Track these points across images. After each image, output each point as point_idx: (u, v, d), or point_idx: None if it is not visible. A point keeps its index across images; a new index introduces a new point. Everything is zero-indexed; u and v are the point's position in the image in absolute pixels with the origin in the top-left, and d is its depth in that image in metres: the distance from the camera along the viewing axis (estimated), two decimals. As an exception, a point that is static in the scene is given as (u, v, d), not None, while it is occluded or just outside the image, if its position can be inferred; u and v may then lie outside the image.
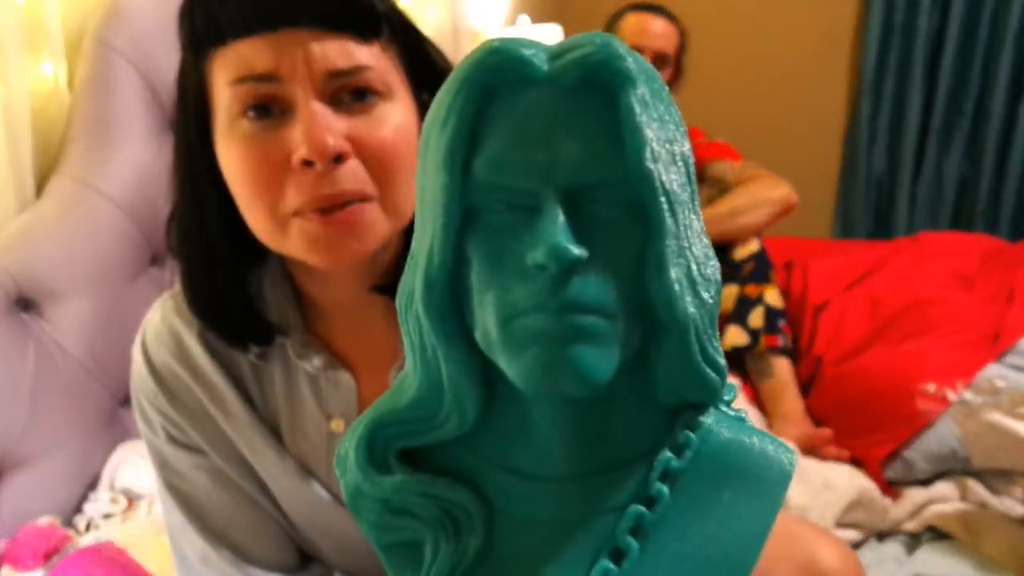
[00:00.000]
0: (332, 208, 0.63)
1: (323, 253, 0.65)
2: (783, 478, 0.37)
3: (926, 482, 1.48)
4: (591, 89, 0.34)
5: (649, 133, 0.34)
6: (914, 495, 1.43)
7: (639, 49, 1.95)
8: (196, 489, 0.75)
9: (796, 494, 1.40)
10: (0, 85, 1.13)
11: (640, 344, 0.36)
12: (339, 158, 0.63)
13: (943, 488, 1.44)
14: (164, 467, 0.76)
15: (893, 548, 1.35)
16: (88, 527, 1.18)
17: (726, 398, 0.39)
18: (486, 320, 0.35)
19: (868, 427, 1.56)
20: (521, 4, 2.66)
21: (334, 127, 0.63)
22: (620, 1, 2.05)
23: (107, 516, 1.20)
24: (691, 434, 0.37)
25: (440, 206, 0.35)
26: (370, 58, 0.65)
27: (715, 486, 0.37)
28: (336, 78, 0.63)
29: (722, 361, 0.37)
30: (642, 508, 0.36)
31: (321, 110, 0.63)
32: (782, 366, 1.77)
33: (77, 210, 1.25)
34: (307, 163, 0.62)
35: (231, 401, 0.74)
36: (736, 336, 1.82)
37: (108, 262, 1.29)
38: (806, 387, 1.77)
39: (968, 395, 1.49)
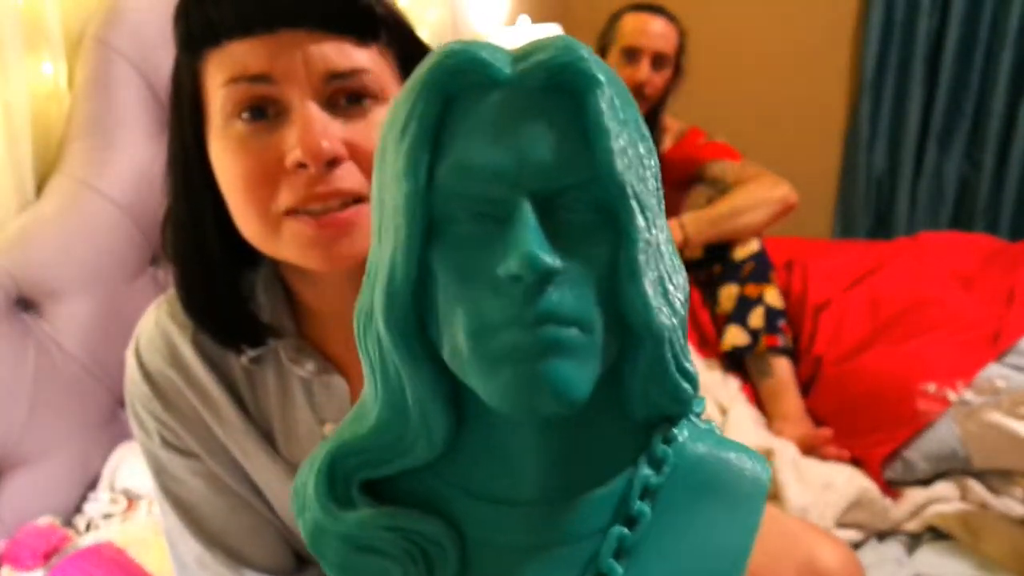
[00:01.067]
0: (326, 210, 0.63)
1: (316, 255, 0.64)
2: (759, 490, 0.37)
3: (926, 482, 1.48)
4: (557, 92, 0.33)
5: (617, 135, 0.33)
6: (914, 495, 1.43)
7: (638, 49, 1.94)
8: (191, 493, 0.75)
9: (796, 494, 1.40)
10: (0, 85, 1.13)
11: (614, 362, 0.34)
12: (333, 162, 0.62)
13: (943, 488, 1.44)
14: (159, 472, 0.76)
15: (893, 548, 1.35)
16: (88, 527, 1.18)
17: (696, 410, 0.38)
18: (455, 337, 0.33)
19: (868, 427, 1.56)
20: (521, 4, 2.66)
21: (330, 131, 0.62)
22: (620, 1, 2.05)
23: (107, 516, 1.20)
24: (667, 448, 0.36)
25: (403, 216, 0.33)
26: (368, 61, 0.64)
27: (693, 502, 0.36)
28: (334, 80, 0.63)
29: (694, 372, 0.36)
30: (624, 529, 0.35)
31: (317, 113, 0.62)
32: (782, 366, 1.77)
33: (77, 210, 1.25)
34: (301, 165, 0.62)
35: (223, 406, 0.73)
36: (736, 336, 1.82)
37: (108, 262, 1.29)
38: (806, 387, 1.77)
39: (968, 395, 1.49)
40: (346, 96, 0.64)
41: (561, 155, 0.32)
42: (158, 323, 0.75)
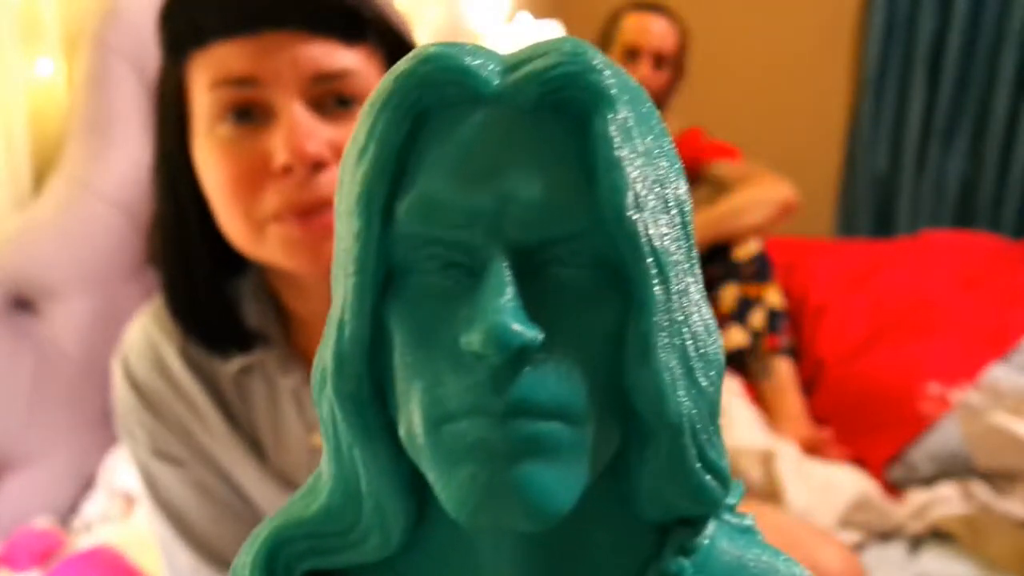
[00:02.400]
0: (310, 212, 0.63)
1: (300, 257, 0.64)
2: None
3: (929, 484, 1.47)
4: (556, 112, 0.26)
5: (632, 170, 0.26)
6: (917, 497, 1.42)
7: (639, 49, 1.94)
8: (181, 501, 0.75)
9: (798, 495, 1.39)
10: (-3, 85, 1.13)
11: (617, 450, 0.27)
12: (319, 166, 0.62)
13: (946, 490, 1.43)
14: (149, 480, 0.76)
15: (896, 550, 1.34)
16: (85, 529, 1.18)
17: (731, 501, 0.31)
18: (411, 418, 0.26)
19: (870, 428, 1.56)
20: (520, 5, 2.65)
21: (317, 133, 0.62)
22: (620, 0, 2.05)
23: (105, 518, 1.20)
24: (685, 561, 0.28)
25: (353, 261, 0.26)
26: (355, 62, 0.64)
27: None
28: (322, 81, 0.63)
29: (725, 464, 0.29)
30: None
31: (304, 115, 0.62)
32: (784, 367, 1.77)
33: (74, 210, 1.24)
34: (287, 169, 0.61)
35: (210, 415, 0.73)
36: (737, 337, 1.81)
37: (106, 262, 1.29)
38: (808, 388, 1.76)
39: (971, 396, 1.49)
40: (334, 99, 0.63)
41: (555, 196, 0.25)
42: (145, 331, 0.75)
